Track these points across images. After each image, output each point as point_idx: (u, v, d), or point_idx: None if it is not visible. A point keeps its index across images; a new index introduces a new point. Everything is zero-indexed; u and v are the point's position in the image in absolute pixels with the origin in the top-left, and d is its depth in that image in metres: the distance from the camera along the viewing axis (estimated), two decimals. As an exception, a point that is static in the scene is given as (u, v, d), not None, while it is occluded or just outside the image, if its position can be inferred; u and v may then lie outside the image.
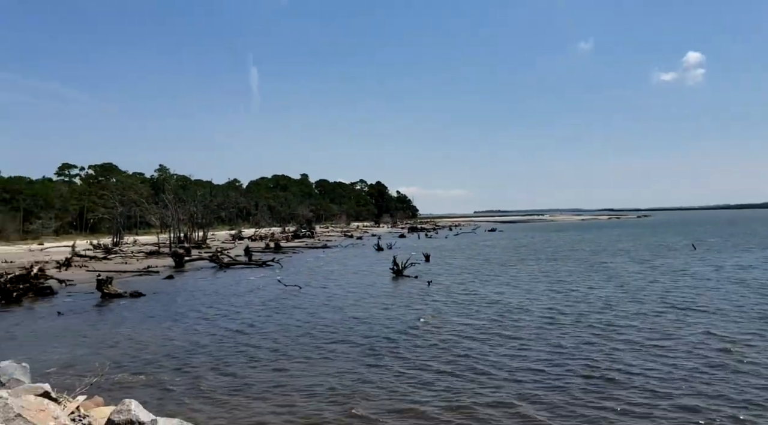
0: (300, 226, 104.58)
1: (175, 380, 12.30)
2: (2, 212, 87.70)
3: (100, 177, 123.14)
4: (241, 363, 13.68)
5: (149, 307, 23.32)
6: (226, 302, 24.22)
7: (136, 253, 53.97)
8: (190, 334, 17.65)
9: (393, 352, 14.40)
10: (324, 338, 16.41)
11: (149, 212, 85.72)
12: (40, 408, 5.37)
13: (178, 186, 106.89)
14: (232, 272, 38.71)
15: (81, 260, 45.20)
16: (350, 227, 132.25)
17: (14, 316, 22.18)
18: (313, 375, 12.40)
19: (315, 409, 10.16)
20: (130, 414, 5.64)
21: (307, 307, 22.29)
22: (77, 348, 15.85)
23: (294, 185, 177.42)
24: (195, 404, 10.56)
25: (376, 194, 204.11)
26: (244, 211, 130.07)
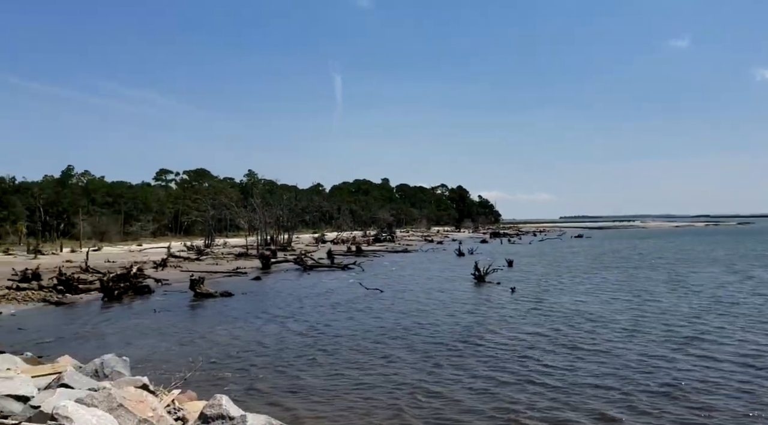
0: (381, 230, 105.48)
1: (260, 377, 12.73)
2: (106, 214, 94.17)
3: (193, 182, 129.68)
4: (322, 362, 13.97)
5: (238, 307, 24.28)
6: (309, 304, 24.81)
7: (226, 254, 56.37)
8: (276, 333, 18.22)
9: (457, 358, 14.23)
10: (403, 341, 16.46)
11: (238, 215, 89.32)
12: (140, 400, 5.73)
13: (265, 190, 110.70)
14: (315, 274, 39.62)
15: (176, 260, 47.74)
16: (431, 232, 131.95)
17: (115, 312, 23.75)
18: (377, 375, 12.46)
19: (388, 406, 10.21)
20: (221, 409, 5.90)
21: (386, 311, 22.46)
22: (171, 344, 16.75)
23: (375, 189, 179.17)
24: (280, 402, 10.88)
25: (457, 199, 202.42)
26: (327, 215, 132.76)
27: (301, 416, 9.99)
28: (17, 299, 26.77)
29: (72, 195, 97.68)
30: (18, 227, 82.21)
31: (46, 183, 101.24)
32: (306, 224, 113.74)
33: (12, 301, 26.24)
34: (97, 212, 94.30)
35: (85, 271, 36.61)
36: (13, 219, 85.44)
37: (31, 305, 25.74)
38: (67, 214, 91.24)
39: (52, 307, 25.37)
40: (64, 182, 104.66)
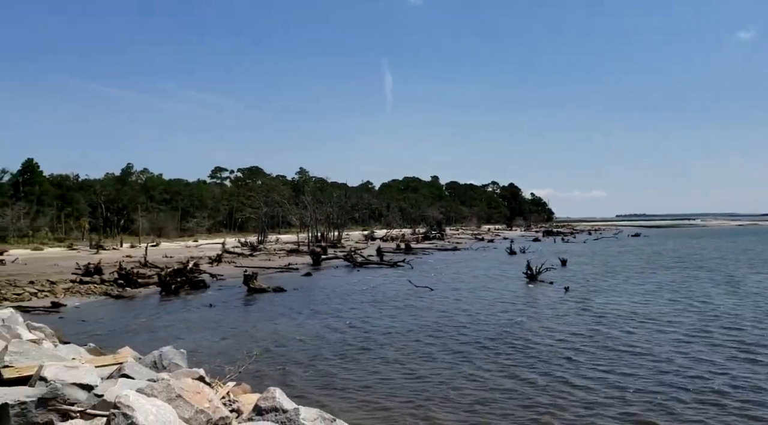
0: (430, 228, 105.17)
1: (310, 371, 12.90)
2: (164, 211, 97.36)
3: (247, 180, 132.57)
4: (370, 359, 14.01)
5: (290, 302, 24.64)
6: (358, 300, 24.96)
7: (278, 251, 57.39)
8: (326, 329, 18.40)
9: (503, 358, 13.99)
10: (450, 340, 16.34)
11: (290, 212, 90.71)
12: (197, 391, 5.85)
13: (315, 188, 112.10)
14: (364, 271, 39.84)
15: (230, 256, 48.89)
16: (481, 230, 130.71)
17: (172, 306, 24.49)
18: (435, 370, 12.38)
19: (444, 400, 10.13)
20: (275, 402, 5.96)
21: (434, 309, 22.34)
22: (226, 338, 17.15)
23: (424, 186, 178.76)
24: (329, 396, 10.98)
25: (508, 196, 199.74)
26: (376, 212, 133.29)
27: (345, 410, 10.04)
28: (81, 292, 27.98)
29: (131, 192, 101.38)
30: (81, 223, 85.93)
31: (107, 181, 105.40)
32: (355, 221, 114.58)
33: (76, 294, 27.43)
34: (155, 208, 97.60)
35: (143, 266, 37.92)
36: (76, 215, 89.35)
37: (94, 298, 26.84)
38: (126, 210, 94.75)
39: (112, 300, 26.37)
40: (124, 179, 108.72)
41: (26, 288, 27.99)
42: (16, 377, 6.48)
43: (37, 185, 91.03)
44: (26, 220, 78.31)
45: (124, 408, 4.67)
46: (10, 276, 33.03)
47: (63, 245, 66.74)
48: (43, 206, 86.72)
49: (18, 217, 77.29)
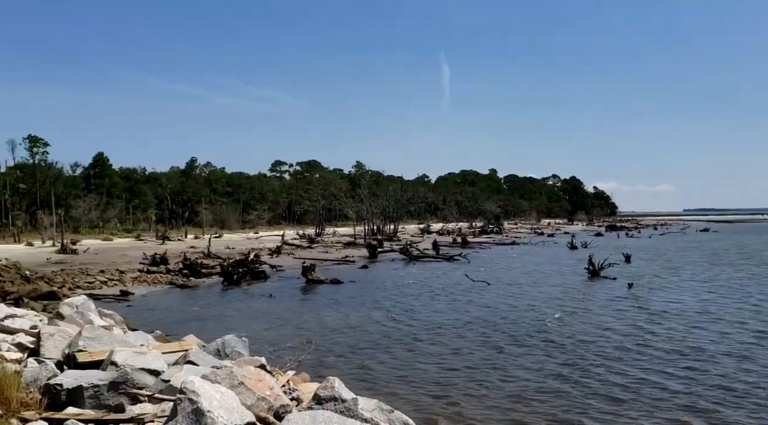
0: (488, 221, 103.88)
1: (367, 362, 12.98)
2: (226, 203, 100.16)
3: (305, 173, 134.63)
4: (426, 352, 13.96)
5: (347, 293, 24.88)
6: (413, 293, 24.93)
7: (335, 243, 58.05)
8: (381, 321, 18.48)
9: (558, 354, 13.63)
10: (503, 335, 16.08)
11: (347, 205, 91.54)
12: (259, 379, 5.97)
13: (372, 181, 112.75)
14: (420, 264, 39.78)
15: (289, 248, 49.82)
16: (541, 224, 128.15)
17: (234, 296, 25.16)
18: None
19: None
20: (334, 391, 6.02)
21: (490, 303, 22.04)
22: (285, 327, 17.48)
23: (482, 180, 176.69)
24: (385, 387, 11.01)
25: (569, 190, 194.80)
26: (433, 206, 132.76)
27: (402, 401, 10.03)
28: (147, 281, 29.13)
29: (195, 185, 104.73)
30: (148, 215, 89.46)
31: (173, 174, 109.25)
32: (411, 214, 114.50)
33: (143, 283, 28.58)
34: (218, 201, 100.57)
35: (207, 256, 39.13)
36: (143, 207, 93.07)
37: (159, 287, 27.89)
38: (191, 203, 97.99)
39: (177, 289, 27.32)
40: (189, 173, 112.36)
41: (97, 277, 29.37)
42: (89, 361, 6.79)
43: (107, 178, 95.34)
44: (97, 211, 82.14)
45: (190, 394, 4.80)
46: (82, 265, 34.74)
47: (131, 236, 69.68)
48: (113, 198, 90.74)
49: (90, 208, 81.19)
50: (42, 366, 6.58)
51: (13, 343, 8.09)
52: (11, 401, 5.46)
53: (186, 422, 4.69)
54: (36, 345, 7.74)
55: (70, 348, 7.18)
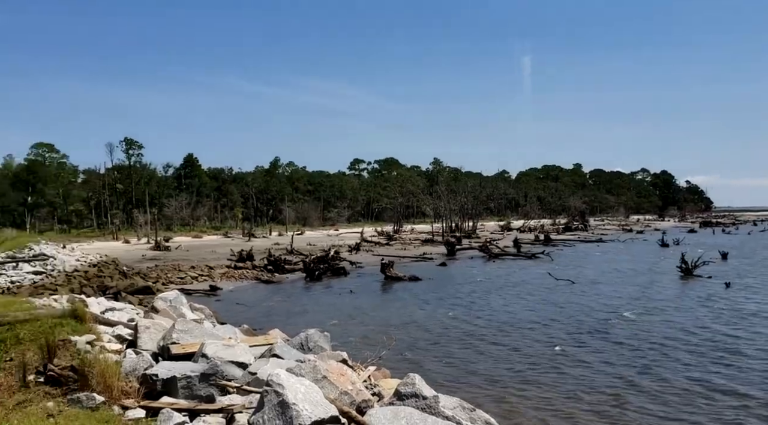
0: (572, 218, 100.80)
1: (446, 360, 12.91)
2: (308, 201, 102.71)
3: (383, 171, 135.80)
4: (504, 350, 13.70)
5: (425, 291, 24.86)
6: (493, 291, 24.54)
7: (413, 240, 58.17)
8: (460, 318, 18.31)
9: (631, 356, 12.93)
10: (587, 336, 15.50)
11: (424, 202, 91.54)
12: (341, 373, 6.06)
13: (450, 178, 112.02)
14: (500, 262, 39.13)
15: (368, 245, 50.42)
16: (629, 221, 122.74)
17: (316, 291, 25.74)
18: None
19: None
20: (415, 388, 6.01)
21: (573, 303, 21.33)
22: (364, 323, 17.68)
23: (566, 175, 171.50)
24: (467, 386, 10.90)
25: (660, 185, 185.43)
26: (513, 202, 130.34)
27: (481, 400, 9.88)
28: (235, 277, 30.32)
29: (279, 184, 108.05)
30: (235, 213, 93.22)
31: (258, 173, 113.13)
32: (491, 211, 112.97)
33: (231, 278, 29.77)
34: (300, 199, 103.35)
35: (290, 253, 40.28)
36: (230, 206, 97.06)
37: (246, 282, 28.96)
38: (274, 201, 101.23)
39: (262, 285, 28.26)
40: (272, 172, 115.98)
41: (188, 272, 30.88)
42: (182, 353, 7.13)
43: (196, 178, 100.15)
44: (188, 210, 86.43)
45: (276, 386, 4.93)
46: (174, 261, 36.66)
47: (219, 233, 72.82)
48: (202, 197, 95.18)
49: (181, 207, 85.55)
50: (139, 356, 6.97)
51: (114, 335, 8.62)
52: (113, 389, 5.82)
53: (272, 414, 4.83)
54: (133, 336, 8.21)
55: (164, 340, 7.56)
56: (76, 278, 27.69)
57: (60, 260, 32.77)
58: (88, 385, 5.81)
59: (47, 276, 28.07)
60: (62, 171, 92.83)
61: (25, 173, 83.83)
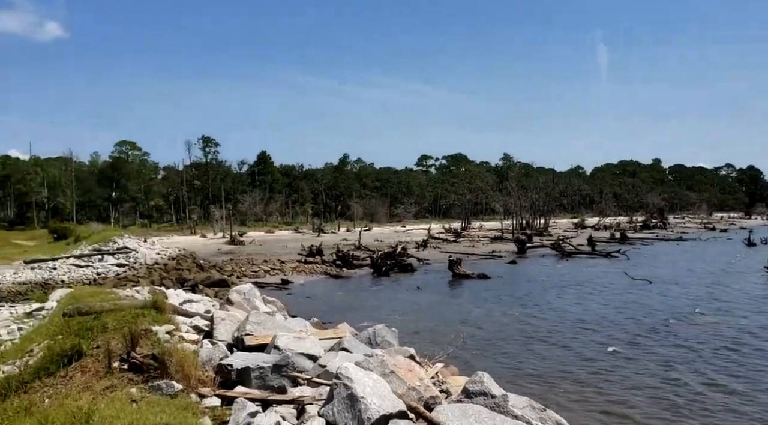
0: (650, 215, 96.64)
1: (514, 359, 12.71)
2: (375, 197, 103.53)
3: (451, 167, 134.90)
4: (574, 351, 13.31)
5: (494, 289, 24.52)
6: (566, 291, 23.90)
7: (481, 237, 57.52)
8: (530, 317, 17.96)
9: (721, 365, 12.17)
10: (669, 341, 14.82)
11: (493, 199, 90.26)
12: (409, 368, 6.06)
13: (520, 174, 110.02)
14: (573, 261, 38.06)
15: (435, 241, 50.26)
16: (712, 219, 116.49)
17: (383, 287, 25.90)
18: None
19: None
20: (483, 386, 5.94)
21: (651, 304, 20.45)
22: (431, 319, 17.64)
23: (643, 171, 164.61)
24: (536, 386, 10.69)
25: (746, 181, 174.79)
26: (588, 199, 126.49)
27: (551, 400, 9.65)
28: (305, 271, 31.00)
29: (347, 180, 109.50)
30: (305, 209, 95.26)
31: (327, 170, 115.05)
32: (564, 208, 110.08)
33: (301, 273, 30.46)
34: (367, 195, 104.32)
35: (358, 248, 40.74)
36: (301, 202, 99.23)
37: (315, 276, 29.54)
38: (343, 197, 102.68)
39: (331, 279, 28.73)
40: (341, 168, 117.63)
41: (261, 266, 31.83)
42: (255, 344, 7.34)
43: (269, 175, 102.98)
44: (261, 205, 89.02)
45: (345, 379, 5.00)
46: (248, 255, 37.87)
47: (290, 228, 74.63)
48: (274, 193, 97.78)
49: (254, 203, 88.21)
50: (215, 347, 7.23)
51: (191, 325, 8.97)
52: (190, 377, 6.07)
53: (342, 406, 4.89)
54: (209, 327, 8.52)
55: (239, 331, 7.81)
56: (156, 270, 29.11)
57: (141, 253, 34.53)
58: (168, 373, 6.08)
59: (130, 268, 29.65)
60: (144, 168, 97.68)
61: (110, 169, 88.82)
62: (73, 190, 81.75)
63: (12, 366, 8.59)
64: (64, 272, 27.62)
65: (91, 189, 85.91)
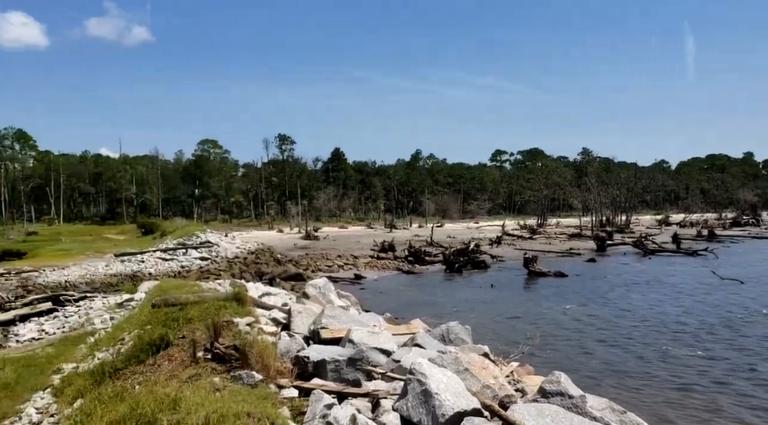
0: (741, 212, 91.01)
1: (591, 359, 12.33)
2: (447, 194, 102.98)
3: (527, 162, 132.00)
4: (656, 353, 12.73)
5: (572, 288, 23.84)
6: (648, 290, 22.90)
7: (558, 235, 56.01)
8: (609, 318, 17.33)
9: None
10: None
11: (571, 195, 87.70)
12: (483, 366, 6.01)
13: (600, 169, 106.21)
14: (657, 259, 36.42)
15: (509, 238, 49.40)
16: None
17: (455, 284, 25.75)
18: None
19: None
20: (560, 386, 5.80)
21: (742, 305, 19.24)
22: (505, 317, 17.38)
23: (734, 165, 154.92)
24: (615, 388, 10.34)
25: None
26: (672, 194, 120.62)
27: (630, 402, 9.27)
28: (377, 266, 31.27)
29: (419, 177, 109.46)
30: (378, 205, 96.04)
31: (399, 166, 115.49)
32: (647, 204, 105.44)
33: (373, 268, 30.75)
34: (439, 191, 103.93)
35: (429, 245, 40.66)
36: (373, 198, 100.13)
37: (387, 272, 29.75)
38: (415, 193, 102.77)
39: (403, 275, 28.86)
40: (413, 165, 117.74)
41: (335, 261, 32.38)
42: (330, 337, 7.49)
43: (342, 171, 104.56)
44: (334, 201, 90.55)
45: (419, 375, 5.02)
46: (323, 250, 38.60)
47: (363, 224, 75.49)
48: (348, 189, 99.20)
49: (328, 199, 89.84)
50: (293, 339, 7.43)
51: (269, 318, 9.27)
52: (269, 368, 6.27)
53: (416, 401, 4.91)
54: (287, 320, 8.77)
55: (315, 324, 8.00)
56: (236, 264, 30.20)
57: (222, 247, 35.91)
58: (248, 364, 6.31)
59: (212, 262, 30.91)
60: (224, 165, 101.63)
61: (193, 167, 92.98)
62: (159, 187, 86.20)
63: (105, 353, 9.19)
64: (151, 265, 29.17)
65: (176, 186, 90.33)
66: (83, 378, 7.87)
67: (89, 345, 10.80)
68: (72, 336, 12.85)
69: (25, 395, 8.46)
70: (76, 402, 7.01)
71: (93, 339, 11.29)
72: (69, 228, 65.88)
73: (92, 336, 11.84)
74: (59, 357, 10.57)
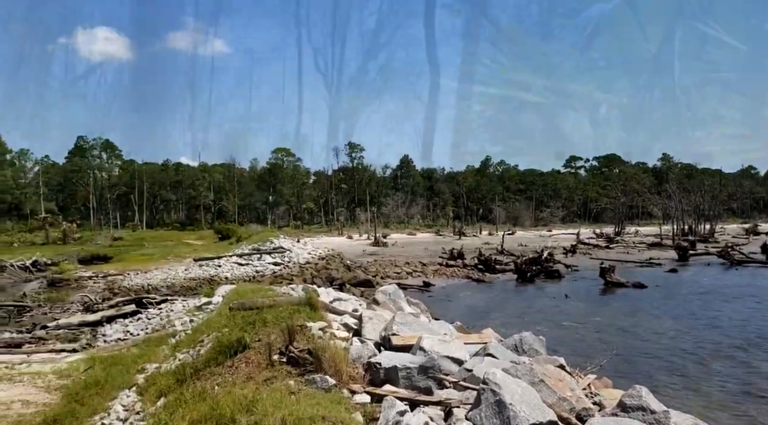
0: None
1: (672, 375, 11.81)
2: (519, 201, 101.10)
3: (603, 168, 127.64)
4: (736, 368, 11.95)
5: (651, 299, 22.83)
6: (734, 304, 21.60)
7: (637, 243, 53.81)
8: (689, 333, 16.46)
9: None
10: None
11: (651, 202, 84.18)
12: (559, 378, 5.85)
13: (682, 175, 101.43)
14: (744, 270, 34.32)
15: (584, 247, 47.91)
16: None
17: (528, 293, 25.20)
18: None
19: None
20: (641, 401, 5.57)
21: None
22: (581, 329, 16.85)
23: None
24: (698, 405, 9.80)
25: None
26: (762, 202, 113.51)
27: (716, 420, 8.78)
28: (446, 274, 31.05)
29: (489, 183, 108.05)
30: (446, 212, 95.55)
31: (468, 173, 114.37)
32: (733, 212, 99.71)
33: (442, 276, 30.56)
34: (510, 198, 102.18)
35: (500, 253, 40.03)
36: (442, 205, 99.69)
37: (457, 280, 29.47)
38: (485, 200, 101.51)
39: (473, 283, 28.50)
40: (483, 171, 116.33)
41: (403, 268, 32.42)
42: (401, 344, 7.49)
43: (411, 178, 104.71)
44: (403, 208, 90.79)
45: (492, 385, 4.94)
46: (391, 257, 38.76)
47: (431, 231, 75.24)
48: (416, 196, 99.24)
49: (397, 206, 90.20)
50: (364, 345, 7.48)
51: (341, 323, 9.37)
52: (342, 373, 6.34)
53: (489, 412, 4.84)
54: (358, 326, 8.84)
55: (386, 331, 8.03)
56: (308, 269, 30.80)
57: (295, 252, 36.72)
58: (322, 368, 6.40)
59: (284, 267, 31.67)
60: (297, 173, 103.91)
61: (267, 174, 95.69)
62: (235, 194, 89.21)
63: (186, 354, 9.58)
64: (227, 270, 30.22)
65: (251, 193, 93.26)
66: (165, 378, 8.24)
67: (171, 347, 11.29)
68: (154, 337, 13.47)
69: (113, 392, 8.93)
70: (159, 401, 7.34)
71: (174, 341, 11.79)
72: (151, 234, 69.25)
73: (173, 337, 12.37)
74: (143, 357, 11.11)
